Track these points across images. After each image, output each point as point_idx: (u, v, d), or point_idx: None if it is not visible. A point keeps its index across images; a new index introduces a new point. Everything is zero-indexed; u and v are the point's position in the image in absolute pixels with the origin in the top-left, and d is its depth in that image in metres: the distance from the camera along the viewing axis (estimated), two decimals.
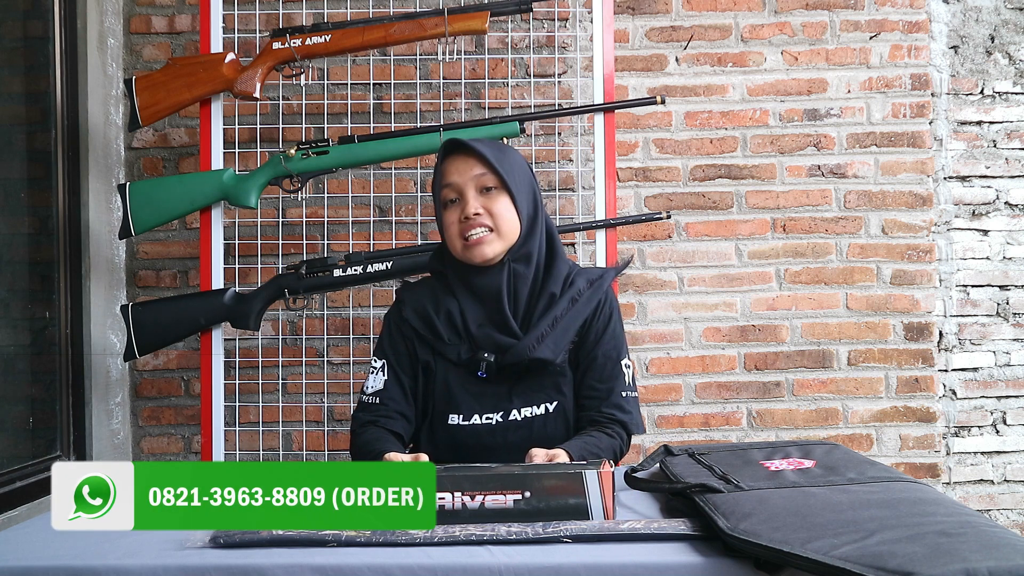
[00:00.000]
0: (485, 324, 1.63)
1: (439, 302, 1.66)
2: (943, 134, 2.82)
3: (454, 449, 1.64)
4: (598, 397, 1.65)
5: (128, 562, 1.17)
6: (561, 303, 1.64)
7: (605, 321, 1.68)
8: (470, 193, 1.61)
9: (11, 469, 2.22)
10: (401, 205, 2.70)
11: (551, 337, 1.61)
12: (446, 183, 1.63)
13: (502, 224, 1.61)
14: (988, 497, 2.80)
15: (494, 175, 1.61)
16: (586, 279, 1.69)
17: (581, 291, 1.66)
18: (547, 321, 1.62)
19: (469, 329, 1.63)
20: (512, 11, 2.30)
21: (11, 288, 2.35)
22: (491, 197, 1.61)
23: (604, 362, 1.66)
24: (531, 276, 1.65)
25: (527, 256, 1.64)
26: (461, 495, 1.29)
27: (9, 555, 1.21)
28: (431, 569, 1.15)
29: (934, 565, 1.01)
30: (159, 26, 2.75)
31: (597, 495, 1.29)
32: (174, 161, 2.76)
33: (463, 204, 1.61)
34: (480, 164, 1.61)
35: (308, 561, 1.16)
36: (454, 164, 1.63)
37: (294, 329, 2.71)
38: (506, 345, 1.61)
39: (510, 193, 1.62)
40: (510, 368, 1.60)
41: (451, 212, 1.63)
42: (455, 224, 1.62)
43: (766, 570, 1.13)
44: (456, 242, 1.63)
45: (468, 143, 1.62)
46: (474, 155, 1.61)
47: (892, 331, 2.78)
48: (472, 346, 1.63)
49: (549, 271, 1.66)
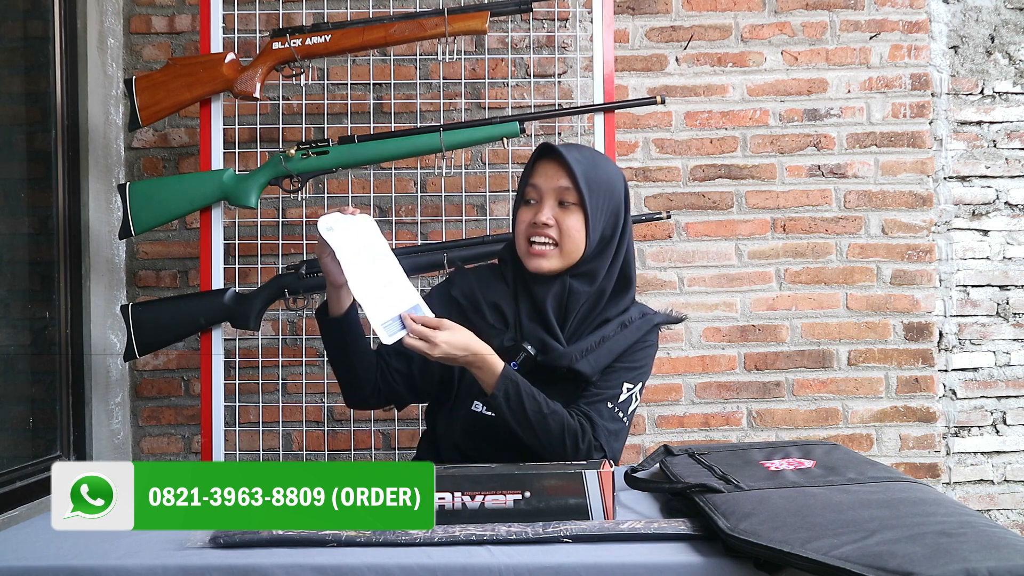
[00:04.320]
0: (535, 321, 1.65)
1: (489, 290, 1.69)
2: (943, 134, 2.82)
3: (471, 436, 1.65)
4: (585, 395, 1.64)
5: (128, 562, 1.17)
6: (612, 325, 1.66)
7: (638, 346, 1.68)
8: (548, 201, 1.64)
9: (11, 469, 2.22)
10: (401, 205, 2.70)
11: (595, 354, 1.62)
12: (531, 183, 1.66)
13: (567, 241, 1.63)
14: (988, 497, 2.80)
15: (576, 192, 1.62)
16: (640, 311, 1.71)
17: (632, 318, 1.68)
18: (595, 337, 1.64)
19: (521, 320, 1.65)
20: (512, 11, 2.30)
21: (11, 288, 2.35)
22: (566, 211, 1.63)
23: (610, 373, 1.65)
24: (591, 296, 1.66)
25: (589, 275, 1.65)
26: (461, 495, 1.29)
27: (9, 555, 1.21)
28: (431, 569, 1.15)
29: (934, 565, 1.01)
30: (159, 26, 2.75)
31: (597, 495, 1.29)
32: (174, 161, 2.76)
33: (538, 208, 1.64)
34: (567, 177, 1.63)
35: (308, 561, 1.16)
36: (544, 167, 1.66)
37: (294, 329, 2.71)
38: (551, 347, 1.62)
39: (585, 213, 1.63)
40: (546, 371, 1.61)
41: (526, 211, 1.66)
42: (525, 223, 1.65)
43: (766, 570, 1.13)
44: (522, 241, 1.66)
45: (563, 153, 1.63)
46: (564, 166, 1.63)
47: (892, 331, 2.78)
48: (518, 336, 1.64)
49: (613, 300, 1.68)
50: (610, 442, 1.63)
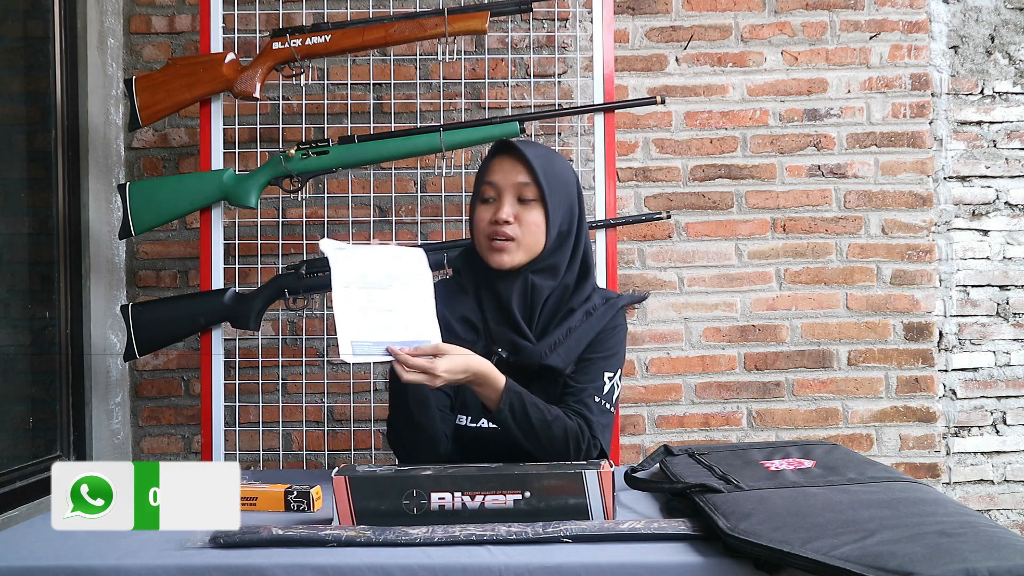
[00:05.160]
0: (502, 323, 1.65)
1: (454, 305, 1.67)
2: (943, 134, 2.82)
3: (461, 450, 1.64)
4: (571, 392, 1.63)
5: (128, 562, 1.17)
6: (576, 315, 1.66)
7: (608, 332, 1.68)
8: (507, 198, 1.63)
9: (11, 469, 2.22)
10: (401, 205, 2.70)
11: (564, 346, 1.62)
12: (488, 180, 1.65)
13: (527, 237, 1.63)
14: (988, 497, 2.80)
15: (536, 187, 1.62)
16: (602, 296, 1.71)
17: (596, 306, 1.68)
18: (561, 331, 1.63)
19: (488, 324, 1.65)
20: (512, 11, 2.30)
21: (11, 288, 2.35)
22: (526, 207, 1.63)
23: (589, 365, 1.65)
24: (554, 290, 1.66)
25: (551, 269, 1.66)
26: (461, 495, 1.29)
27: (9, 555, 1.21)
28: (431, 569, 1.15)
29: (934, 565, 1.01)
30: (159, 26, 2.75)
31: (597, 495, 1.29)
32: (174, 161, 2.76)
33: (498, 206, 1.63)
34: (526, 172, 1.63)
35: (308, 561, 1.16)
36: (501, 164, 1.65)
37: (294, 329, 2.71)
38: (520, 346, 1.62)
39: (545, 208, 1.63)
40: (520, 372, 1.61)
41: (485, 209, 1.66)
42: (485, 222, 1.64)
43: (766, 570, 1.13)
44: (482, 239, 1.65)
45: (521, 148, 1.63)
46: (523, 162, 1.63)
47: (892, 331, 2.78)
48: (488, 341, 1.64)
49: (576, 291, 1.68)
50: (605, 435, 1.63)
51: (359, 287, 1.47)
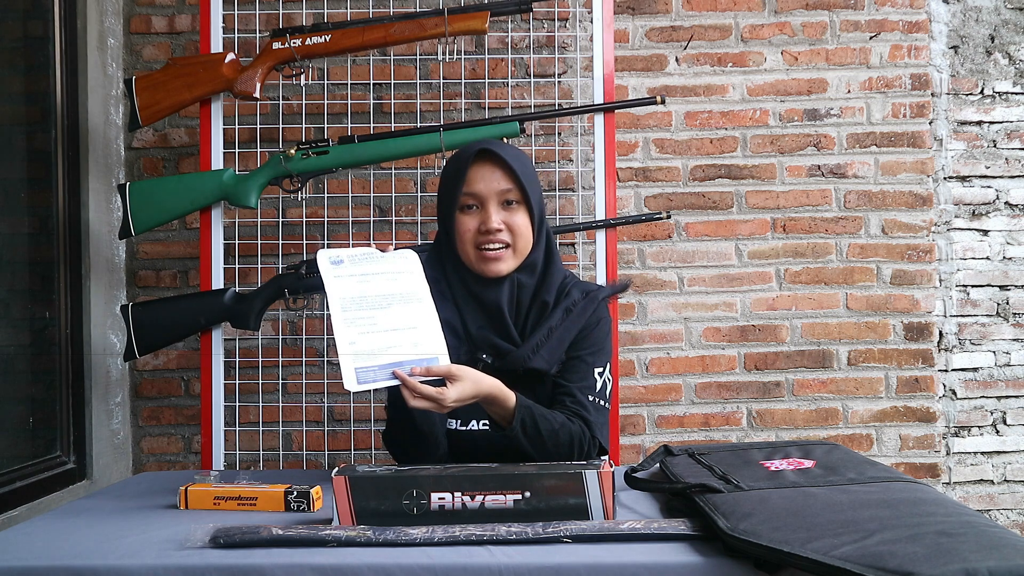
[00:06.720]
0: (485, 327, 1.63)
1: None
2: (943, 134, 2.82)
3: (452, 453, 1.64)
4: (565, 393, 1.63)
5: (128, 562, 1.17)
6: (556, 313, 1.64)
7: (591, 328, 1.67)
8: (493, 206, 1.61)
9: (11, 469, 2.22)
10: (401, 205, 2.70)
11: (546, 348, 1.61)
12: (469, 191, 1.62)
13: (519, 241, 1.62)
14: (988, 497, 2.80)
15: (519, 190, 1.61)
16: (581, 290, 1.68)
17: (576, 302, 1.66)
18: (542, 331, 1.62)
19: (469, 330, 1.63)
20: (512, 11, 2.30)
21: (11, 288, 2.34)
22: (512, 211, 1.62)
23: (578, 364, 1.64)
24: (533, 285, 1.65)
25: (531, 266, 1.65)
26: (461, 495, 1.29)
27: (9, 555, 1.21)
28: (431, 569, 1.15)
29: (934, 565, 1.01)
30: (159, 26, 2.75)
31: (597, 495, 1.29)
32: (174, 161, 2.76)
33: (484, 215, 1.61)
34: (507, 178, 1.61)
35: (308, 561, 1.16)
36: (480, 172, 1.62)
37: (294, 329, 2.71)
38: (504, 350, 1.61)
39: (529, 208, 1.62)
40: (506, 376, 1.60)
41: (469, 218, 1.62)
42: (471, 231, 1.62)
43: (766, 570, 1.13)
44: (469, 249, 1.62)
45: (501, 155, 1.61)
46: (503, 167, 1.61)
47: (892, 331, 2.78)
48: (471, 347, 1.63)
49: (544, 278, 1.66)
50: (603, 433, 1.63)
51: (358, 310, 1.46)
